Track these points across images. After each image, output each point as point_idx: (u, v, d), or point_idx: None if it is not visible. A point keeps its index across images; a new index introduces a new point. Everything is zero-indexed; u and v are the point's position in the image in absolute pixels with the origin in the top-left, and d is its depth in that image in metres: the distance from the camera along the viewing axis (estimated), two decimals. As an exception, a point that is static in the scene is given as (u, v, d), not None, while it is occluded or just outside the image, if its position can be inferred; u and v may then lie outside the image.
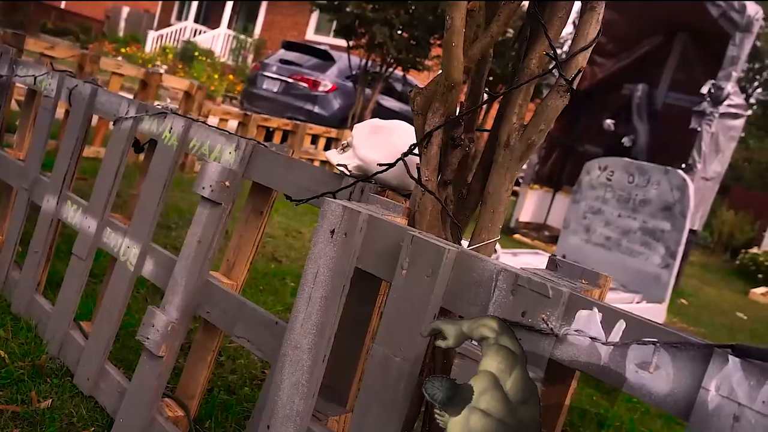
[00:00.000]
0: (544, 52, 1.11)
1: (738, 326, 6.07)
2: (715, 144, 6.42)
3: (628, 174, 4.55)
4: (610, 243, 4.60)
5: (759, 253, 9.78)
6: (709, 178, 6.59)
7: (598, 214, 4.70)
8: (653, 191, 4.39)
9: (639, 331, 0.79)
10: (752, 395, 0.70)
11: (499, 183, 1.17)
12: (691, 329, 5.35)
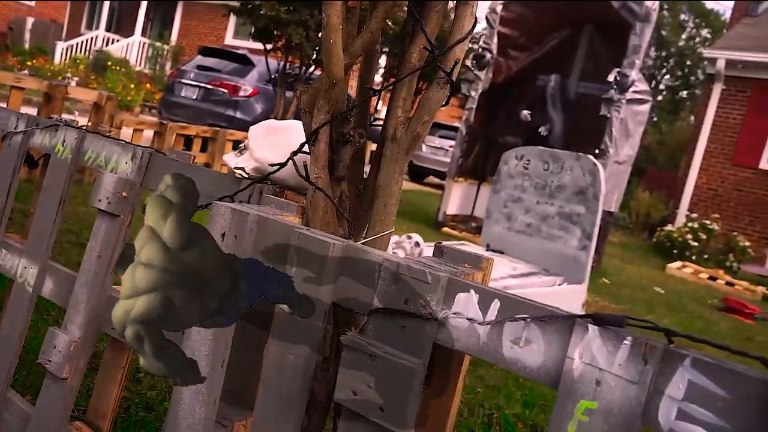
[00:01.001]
0: (422, 46, 1.14)
1: (656, 300, 6.40)
2: (624, 129, 6.73)
3: (543, 162, 4.71)
4: (530, 229, 4.75)
5: (673, 230, 10.34)
6: (621, 161, 6.91)
7: (518, 203, 4.84)
8: (567, 177, 4.56)
9: (512, 309, 0.83)
10: (610, 359, 0.74)
11: (388, 176, 1.19)
12: (612, 306, 5.60)
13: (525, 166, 4.81)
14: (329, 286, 0.97)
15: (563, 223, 4.59)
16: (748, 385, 0.68)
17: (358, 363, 0.87)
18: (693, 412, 0.70)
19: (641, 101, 6.89)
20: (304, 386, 0.98)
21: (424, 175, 14.54)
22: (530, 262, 4.64)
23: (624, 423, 0.73)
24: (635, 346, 0.73)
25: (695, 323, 5.71)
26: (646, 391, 0.72)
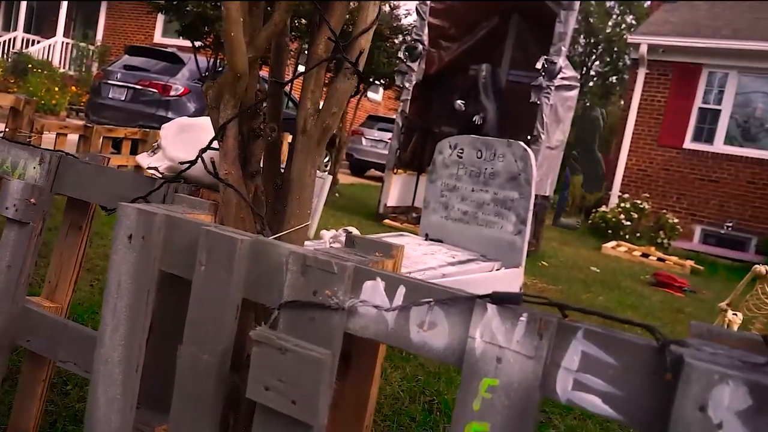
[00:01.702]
0: (327, 38, 1.14)
1: (592, 279, 6.62)
2: (555, 115, 6.91)
3: (476, 150, 4.79)
4: (467, 217, 4.82)
5: (607, 211, 10.70)
6: (553, 146, 7.09)
7: (454, 191, 4.90)
8: (500, 164, 4.65)
9: (418, 294, 0.84)
10: (508, 337, 0.76)
11: (301, 168, 1.18)
12: (550, 287, 5.76)
13: (459, 154, 4.87)
14: (239, 283, 0.96)
15: (498, 209, 4.68)
16: (635, 351, 0.71)
17: (268, 358, 0.87)
18: (587, 381, 0.73)
19: (569, 87, 7.09)
20: (220, 386, 0.96)
21: (365, 169, 14.55)
22: (468, 249, 4.71)
23: (523, 397, 0.75)
24: (531, 322, 0.75)
25: (628, 298, 5.95)
26: (542, 365, 0.74)
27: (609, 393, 0.72)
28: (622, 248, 9.22)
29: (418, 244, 4.66)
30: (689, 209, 10.94)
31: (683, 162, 11.08)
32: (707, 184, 10.84)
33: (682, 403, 0.66)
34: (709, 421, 0.65)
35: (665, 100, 11.26)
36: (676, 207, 10.97)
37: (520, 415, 0.75)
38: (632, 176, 11.42)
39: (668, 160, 11.19)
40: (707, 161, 10.89)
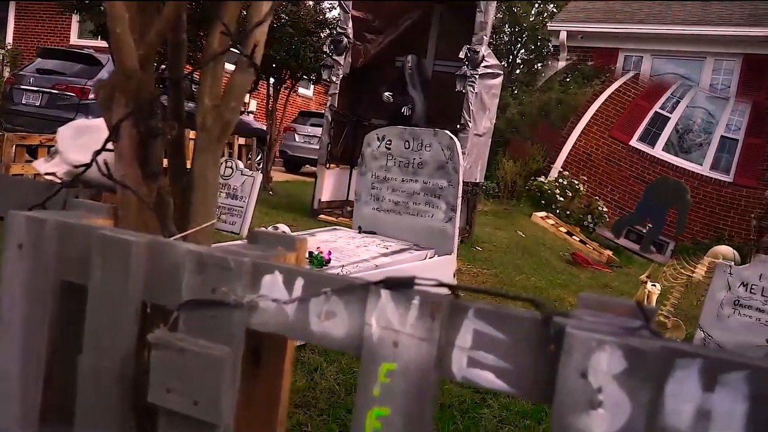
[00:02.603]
0: (221, 31, 1.12)
1: (523, 262, 6.80)
2: (480, 103, 7.04)
3: (403, 140, 4.82)
4: (399, 207, 4.86)
5: (545, 182, 10.93)
6: (481, 134, 7.23)
7: (384, 182, 4.93)
8: (427, 153, 4.70)
9: (315, 284, 0.84)
10: (403, 321, 0.77)
11: (203, 166, 1.16)
12: (484, 271, 5.88)
13: (387, 146, 4.90)
14: (137, 286, 0.93)
15: (428, 198, 4.73)
16: (523, 326, 0.73)
17: (168, 360, 0.85)
18: (481, 358, 0.75)
19: (493, 75, 7.24)
20: (124, 394, 0.94)
21: (299, 165, 14.42)
22: (401, 239, 4.75)
23: (421, 378, 0.76)
24: (423, 305, 0.76)
25: (559, 278, 6.15)
26: (437, 346, 0.76)
27: (501, 368, 0.74)
28: (550, 221, 9.50)
29: (352, 237, 4.67)
30: (619, 202, 11.34)
31: (626, 158, 11.41)
32: (640, 184, 11.20)
33: (565, 371, 0.69)
34: (590, 387, 0.68)
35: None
36: (608, 197, 11.34)
37: (419, 396, 0.76)
38: (576, 157, 11.72)
39: (614, 151, 11.50)
40: (645, 163, 11.25)
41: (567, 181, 10.83)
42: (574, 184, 10.83)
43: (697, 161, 11.14)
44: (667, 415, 0.67)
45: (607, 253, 9.01)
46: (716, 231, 10.36)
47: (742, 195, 10.56)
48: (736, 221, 10.45)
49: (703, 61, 11.20)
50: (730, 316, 3.85)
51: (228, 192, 5.51)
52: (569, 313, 0.73)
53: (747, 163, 10.68)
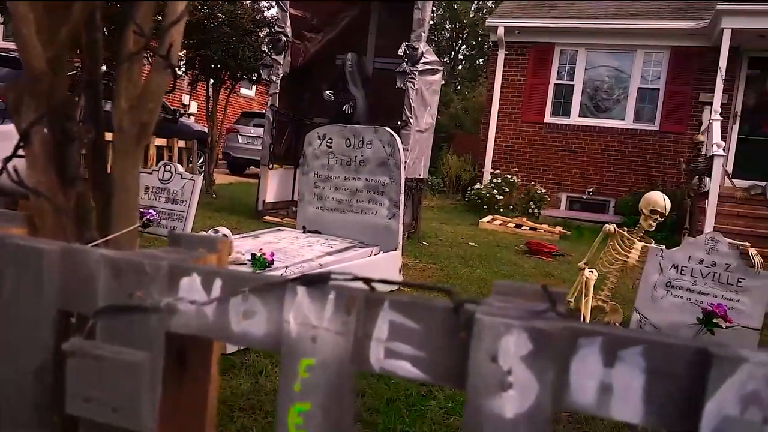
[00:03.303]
0: (134, 31, 1.09)
1: (470, 254, 6.91)
2: (421, 99, 7.11)
3: (344, 139, 4.83)
4: (342, 206, 4.86)
5: (481, 187, 11.21)
6: (423, 129, 7.30)
7: (327, 181, 4.92)
8: (368, 151, 4.72)
9: (234, 284, 0.83)
10: (319, 316, 0.78)
11: (123, 169, 1.13)
12: (430, 266, 5.95)
13: (329, 144, 4.90)
14: (52, 294, 0.91)
15: (372, 195, 4.76)
16: (435, 315, 0.75)
17: (84, 369, 0.83)
18: (397, 348, 0.77)
19: (433, 71, 7.32)
20: (38, 406, 0.91)
21: (244, 167, 14.23)
22: (346, 237, 4.76)
23: (339, 372, 0.77)
24: (339, 299, 0.77)
25: (503, 268, 6.27)
26: (354, 339, 0.77)
27: (416, 356, 0.76)
28: (497, 222, 9.70)
29: (296, 237, 4.65)
30: (554, 179, 11.71)
31: (545, 136, 11.82)
32: (568, 155, 11.65)
33: (476, 356, 0.71)
34: (500, 369, 0.70)
35: (524, 79, 11.93)
36: (543, 178, 11.69)
37: (338, 389, 0.77)
38: (501, 153, 12.03)
39: (532, 135, 11.89)
40: (566, 133, 11.70)
41: (501, 179, 11.09)
42: (507, 179, 11.11)
43: (619, 117, 11.64)
44: (573, 392, 0.70)
45: (558, 229, 9.31)
46: (650, 179, 10.86)
47: (670, 141, 11.12)
48: (668, 167, 11.00)
49: (635, 54, 11.61)
50: (663, 297, 4.02)
51: (168, 196, 5.39)
52: (479, 301, 0.75)
53: (672, 110, 11.21)
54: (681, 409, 0.67)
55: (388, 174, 4.68)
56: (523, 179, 11.47)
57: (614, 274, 4.21)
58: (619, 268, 4.20)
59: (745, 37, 10.22)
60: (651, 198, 4.19)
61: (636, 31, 11.31)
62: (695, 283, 3.98)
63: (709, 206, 8.48)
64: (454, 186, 12.89)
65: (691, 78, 11.14)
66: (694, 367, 0.66)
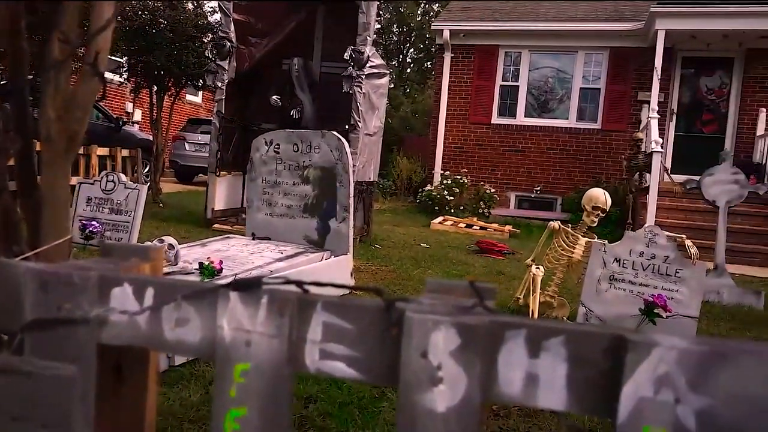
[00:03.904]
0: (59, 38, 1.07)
1: (422, 255, 6.97)
2: (369, 103, 7.14)
3: (292, 144, 4.81)
4: (292, 211, 4.84)
5: (432, 189, 11.32)
6: (371, 133, 7.32)
7: (275, 187, 4.89)
8: (316, 155, 4.71)
9: (167, 292, 0.83)
10: (253, 320, 0.78)
11: (51, 181, 1.11)
12: (383, 268, 5.97)
13: (276, 150, 4.86)
14: (-24, 311, 0.88)
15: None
16: (367, 314, 0.77)
17: (11, 386, 0.81)
18: (332, 349, 0.78)
19: (380, 75, 7.35)
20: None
21: (192, 175, 13.97)
22: (297, 242, 4.73)
23: (275, 375, 0.78)
24: (272, 302, 0.78)
25: (455, 268, 6.35)
26: (288, 342, 0.77)
27: (350, 356, 0.77)
28: (448, 222, 9.81)
29: (245, 244, 4.59)
30: (503, 179, 11.94)
31: (493, 136, 12.04)
32: (515, 155, 11.89)
33: (407, 353, 0.73)
34: (431, 365, 0.72)
35: (471, 81, 12.12)
36: (491, 178, 11.90)
37: (274, 392, 0.78)
38: (450, 154, 12.18)
39: (480, 136, 12.10)
40: (512, 134, 11.95)
41: (451, 180, 11.25)
42: (457, 179, 11.28)
43: (563, 116, 12.02)
44: (501, 383, 0.73)
45: (507, 228, 9.50)
46: (594, 176, 11.21)
47: (612, 139, 11.53)
48: (611, 164, 11.40)
49: (576, 55, 11.95)
50: (607, 290, 4.14)
51: (111, 207, 5.25)
52: (410, 299, 0.77)
53: (612, 109, 11.63)
54: (601, 394, 0.70)
55: (337, 178, 4.68)
56: (472, 180, 11.65)
57: (560, 269, 4.32)
58: (565, 263, 4.31)
59: (679, 37, 10.66)
60: (592, 194, 4.32)
61: (576, 33, 11.65)
62: (637, 276, 4.12)
63: (650, 201, 8.79)
64: (406, 188, 12.98)
65: (629, 78, 11.54)
66: (612, 353, 0.69)
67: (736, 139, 11.18)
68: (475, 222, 9.88)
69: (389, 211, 11.35)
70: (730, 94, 11.28)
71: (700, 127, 11.53)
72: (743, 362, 0.65)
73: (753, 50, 10.86)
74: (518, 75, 12.11)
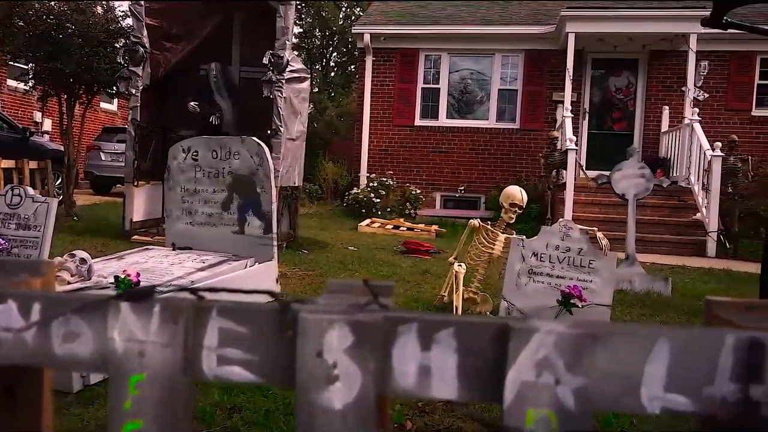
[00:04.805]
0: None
1: (349, 258, 6.98)
2: (291, 107, 7.09)
3: (210, 150, 4.72)
4: (213, 219, 4.74)
5: (359, 192, 11.36)
6: (294, 138, 7.28)
7: (195, 195, 4.78)
8: (236, 161, 4.64)
9: (55, 307, 0.80)
10: (145, 330, 0.77)
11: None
12: (310, 273, 5.94)
13: (194, 157, 4.76)
14: None
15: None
16: (263, 317, 0.77)
17: None
18: (228, 354, 0.77)
19: (300, 79, 7.32)
20: None
21: (109, 186, 13.42)
22: (219, 251, 4.64)
23: (170, 384, 0.77)
24: (165, 311, 0.77)
25: (382, 269, 6.41)
26: (183, 349, 0.77)
27: (248, 360, 0.77)
28: (375, 224, 9.88)
29: (165, 255, 4.47)
30: (428, 179, 12.15)
31: (416, 138, 12.23)
32: (439, 155, 12.13)
33: (303, 353, 0.74)
34: (326, 363, 0.73)
35: (393, 84, 12.26)
36: (417, 179, 12.08)
37: (171, 402, 0.77)
38: (376, 156, 12.28)
39: (404, 138, 12.26)
40: (435, 135, 12.18)
41: (377, 183, 11.35)
42: (383, 182, 11.40)
43: (483, 117, 12.42)
44: (396, 377, 0.75)
45: (434, 228, 9.66)
46: (514, 174, 11.60)
47: (530, 138, 11.97)
48: (530, 162, 11.82)
49: (493, 57, 12.31)
50: (527, 284, 4.29)
51: (18, 222, 4.96)
52: (305, 299, 0.78)
53: (529, 109, 12.10)
54: (489, 381, 0.73)
55: (259, 184, 4.62)
56: (398, 181, 11.78)
57: (482, 266, 4.44)
58: (486, 260, 4.44)
59: (588, 40, 11.18)
60: (509, 192, 4.47)
61: (492, 36, 12.01)
62: (554, 268, 4.29)
63: (567, 196, 9.17)
64: (332, 192, 12.97)
65: (544, 79, 11.99)
66: (497, 341, 0.72)
67: (643, 136, 11.83)
68: (402, 223, 10.00)
69: (316, 215, 11.30)
70: (637, 93, 11.94)
71: (611, 124, 12.13)
72: (614, 343, 0.70)
73: (655, 52, 11.54)
74: (439, 77, 12.35)
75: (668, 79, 11.56)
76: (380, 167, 12.14)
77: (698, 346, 0.69)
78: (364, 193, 11.13)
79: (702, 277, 7.05)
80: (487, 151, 12.05)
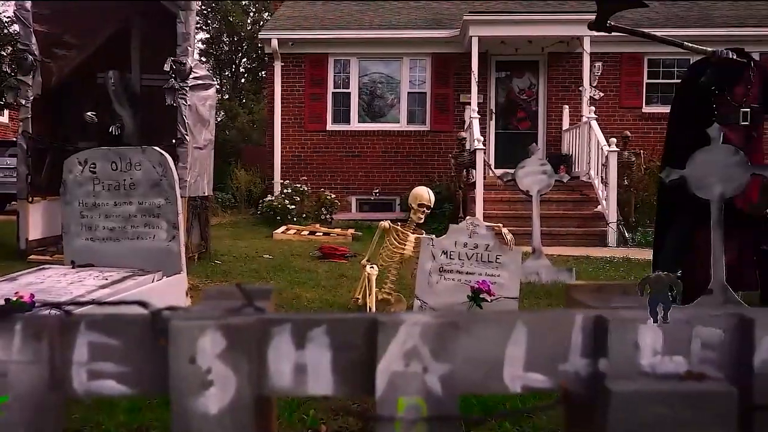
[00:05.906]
0: None
1: (264, 267, 6.89)
2: (197, 115, 6.91)
3: (109, 162, 4.52)
4: (116, 233, 4.55)
5: (273, 199, 11.23)
6: (202, 146, 7.10)
7: (95, 209, 4.57)
8: (138, 172, 4.48)
9: None
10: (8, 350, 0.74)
11: None
12: (224, 283, 5.82)
13: (92, 170, 4.55)
14: None
15: (147, 219, 4.52)
16: (134, 328, 0.76)
17: None
18: (100, 368, 0.76)
19: (205, 86, 7.15)
20: None
21: (3, 203, 12.57)
22: (124, 266, 4.45)
23: (39, 404, 0.74)
24: (27, 328, 0.74)
25: (298, 276, 6.36)
26: (49, 367, 0.74)
27: (120, 372, 0.76)
28: (291, 231, 9.79)
29: (64, 274, 4.23)
30: (343, 184, 12.18)
31: (329, 143, 12.24)
32: (352, 159, 12.19)
33: (176, 360, 0.74)
34: (200, 369, 0.73)
35: (303, 89, 12.21)
36: (332, 184, 12.09)
37: (39, 422, 0.74)
38: (289, 162, 12.18)
39: (316, 143, 12.23)
40: (348, 139, 12.23)
41: (291, 189, 11.28)
42: (298, 188, 11.35)
43: (395, 120, 12.65)
44: (272, 377, 0.76)
45: (350, 231, 9.69)
46: (427, 175, 11.85)
47: (440, 139, 12.28)
48: (441, 163, 12.11)
49: (401, 61, 12.52)
50: (438, 282, 4.39)
51: None
52: (178, 307, 0.77)
53: (438, 111, 12.41)
54: (362, 375, 0.76)
55: (163, 195, 4.48)
56: (313, 187, 11.74)
57: (394, 266, 4.50)
58: (398, 260, 4.51)
59: (491, 43, 11.59)
60: (416, 193, 4.57)
61: (399, 40, 12.21)
62: (463, 265, 4.42)
63: (477, 195, 9.46)
64: (246, 200, 12.75)
65: (451, 81, 12.32)
66: (368, 336, 0.75)
67: (547, 134, 12.39)
68: (318, 228, 9.96)
69: (230, 224, 11.07)
70: (539, 93, 12.48)
71: (516, 124, 12.62)
72: (476, 329, 0.74)
73: (553, 54, 12.12)
74: (349, 82, 12.42)
75: (567, 80, 12.17)
76: (294, 173, 12.05)
77: (553, 327, 0.74)
78: (279, 200, 11.02)
79: (604, 266, 7.45)
80: (399, 154, 12.23)
